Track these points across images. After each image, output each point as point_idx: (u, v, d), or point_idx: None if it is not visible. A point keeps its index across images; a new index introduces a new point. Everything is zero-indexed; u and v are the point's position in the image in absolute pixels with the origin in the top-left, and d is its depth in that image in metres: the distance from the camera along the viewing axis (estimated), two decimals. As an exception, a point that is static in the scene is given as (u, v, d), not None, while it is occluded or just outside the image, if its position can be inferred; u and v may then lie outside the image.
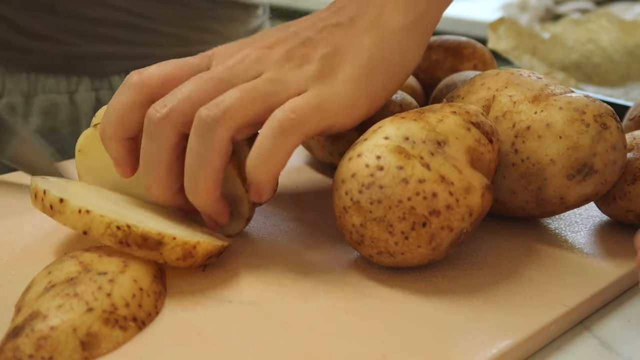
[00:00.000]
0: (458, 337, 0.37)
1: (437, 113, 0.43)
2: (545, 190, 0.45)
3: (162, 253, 0.38)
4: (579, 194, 0.45)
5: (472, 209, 0.41)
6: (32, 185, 0.41)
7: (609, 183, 0.46)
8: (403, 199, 0.39)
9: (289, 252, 0.45)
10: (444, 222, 0.40)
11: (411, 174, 0.39)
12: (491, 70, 0.49)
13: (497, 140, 0.44)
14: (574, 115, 0.44)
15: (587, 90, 0.87)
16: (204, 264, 0.41)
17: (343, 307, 0.39)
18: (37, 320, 0.34)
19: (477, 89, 0.48)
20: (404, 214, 0.39)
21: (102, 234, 0.38)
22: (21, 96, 0.70)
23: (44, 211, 0.39)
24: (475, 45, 0.68)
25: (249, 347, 0.35)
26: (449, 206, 0.40)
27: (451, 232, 0.40)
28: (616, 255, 0.46)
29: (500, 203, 0.48)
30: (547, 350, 0.38)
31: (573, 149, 0.44)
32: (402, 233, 0.40)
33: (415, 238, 0.40)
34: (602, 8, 1.29)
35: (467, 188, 0.40)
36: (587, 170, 0.44)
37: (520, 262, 0.44)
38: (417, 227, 0.40)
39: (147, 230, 0.38)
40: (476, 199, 0.41)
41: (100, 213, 0.38)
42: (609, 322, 0.41)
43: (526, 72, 0.48)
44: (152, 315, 0.37)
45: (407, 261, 0.41)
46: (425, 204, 0.39)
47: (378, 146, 0.40)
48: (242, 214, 0.45)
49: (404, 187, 0.39)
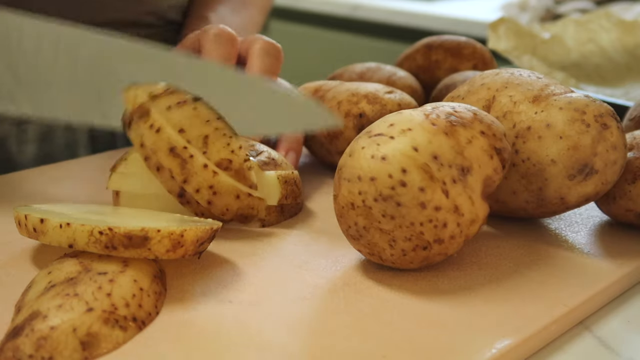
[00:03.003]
0: (458, 337, 0.36)
1: (467, 130, 0.41)
2: (546, 191, 0.45)
3: (150, 248, 0.38)
4: (579, 194, 0.45)
5: (469, 236, 0.42)
6: (15, 214, 0.41)
7: (609, 183, 0.45)
8: (415, 223, 0.39)
9: (289, 252, 0.45)
10: (442, 250, 0.41)
11: (430, 199, 0.39)
12: (491, 70, 0.49)
13: (508, 162, 0.43)
14: (575, 115, 0.44)
15: (587, 90, 0.87)
16: (198, 251, 0.40)
17: (343, 307, 0.39)
18: (37, 320, 0.34)
19: (477, 89, 0.48)
20: (411, 236, 0.40)
21: (86, 243, 0.38)
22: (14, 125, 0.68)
23: (30, 236, 0.40)
24: (475, 45, 0.68)
25: (249, 347, 0.35)
26: (452, 236, 0.40)
27: (443, 257, 0.41)
28: (616, 255, 0.46)
29: (501, 203, 0.48)
30: (547, 350, 0.38)
31: (573, 149, 0.44)
32: (402, 250, 0.40)
33: (412, 257, 0.41)
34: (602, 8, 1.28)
35: (473, 220, 0.41)
36: (588, 171, 0.44)
37: (520, 262, 0.44)
38: (418, 249, 0.40)
39: (129, 229, 0.38)
40: (475, 228, 0.42)
41: (80, 223, 0.38)
42: (609, 322, 0.41)
43: (526, 72, 0.48)
44: (152, 315, 0.37)
45: (393, 266, 0.42)
46: (434, 232, 0.39)
47: (406, 156, 0.39)
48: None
49: (420, 211, 0.39)
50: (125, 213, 0.44)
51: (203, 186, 0.44)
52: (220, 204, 0.44)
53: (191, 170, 0.44)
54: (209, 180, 0.44)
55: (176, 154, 0.43)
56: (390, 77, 0.63)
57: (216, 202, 0.44)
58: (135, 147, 0.45)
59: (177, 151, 0.43)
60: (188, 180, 0.44)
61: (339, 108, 0.55)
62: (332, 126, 0.52)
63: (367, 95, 0.55)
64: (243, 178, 0.45)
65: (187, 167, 0.43)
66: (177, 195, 0.44)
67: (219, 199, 0.44)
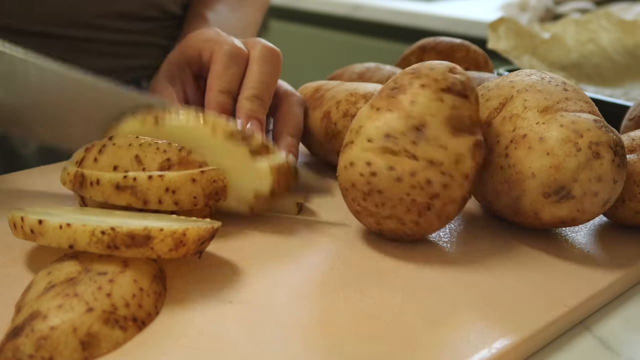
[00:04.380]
0: (458, 337, 0.37)
1: (407, 92, 0.43)
2: (522, 202, 0.45)
3: (152, 248, 0.38)
4: (552, 214, 0.44)
5: (467, 172, 0.43)
6: (9, 217, 0.41)
7: (588, 213, 0.44)
8: (403, 196, 0.42)
9: (289, 252, 0.45)
10: (446, 199, 0.42)
11: (402, 171, 0.42)
12: (527, 70, 0.49)
13: (472, 90, 0.44)
14: (570, 136, 0.43)
15: (587, 90, 0.87)
16: (199, 250, 0.40)
17: (343, 307, 0.39)
18: (37, 320, 0.34)
19: (504, 85, 0.48)
20: (408, 208, 0.42)
21: (88, 243, 0.38)
22: None
23: (26, 238, 0.39)
24: (469, 48, 0.68)
25: (249, 347, 0.35)
26: (445, 185, 0.42)
27: (455, 202, 0.43)
28: (616, 255, 0.46)
29: (488, 202, 0.48)
30: (547, 350, 0.38)
31: (555, 168, 0.43)
32: (413, 221, 0.43)
33: (425, 221, 0.43)
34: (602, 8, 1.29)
35: (456, 160, 0.42)
36: (564, 194, 0.43)
37: (520, 262, 0.44)
38: (424, 213, 0.43)
39: (132, 228, 0.38)
40: (467, 163, 0.42)
41: (82, 223, 0.38)
42: (609, 322, 0.41)
43: (559, 80, 0.47)
44: (152, 315, 0.37)
45: (424, 236, 0.46)
46: (424, 193, 0.42)
47: (365, 151, 0.43)
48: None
49: (399, 185, 0.42)
50: (118, 214, 0.44)
51: (161, 193, 0.44)
52: (186, 197, 0.44)
53: (142, 189, 0.44)
54: (161, 185, 0.44)
55: (122, 187, 0.44)
56: (389, 77, 0.63)
57: (181, 198, 0.44)
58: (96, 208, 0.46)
59: (121, 184, 0.44)
60: (147, 199, 0.44)
61: (337, 108, 0.55)
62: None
63: (365, 95, 0.55)
64: (186, 163, 0.45)
65: (137, 190, 0.44)
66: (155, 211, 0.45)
67: (181, 193, 0.44)
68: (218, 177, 0.46)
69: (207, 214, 0.47)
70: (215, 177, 0.46)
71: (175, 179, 0.44)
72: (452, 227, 0.49)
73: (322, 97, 0.57)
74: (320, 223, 0.49)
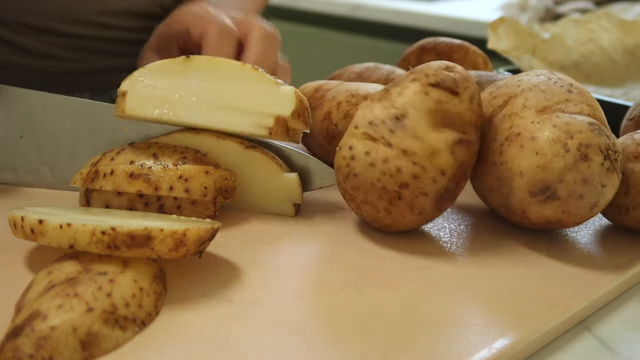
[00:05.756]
0: (458, 337, 0.37)
1: (400, 85, 0.44)
2: (511, 199, 0.45)
3: (153, 248, 0.38)
4: (538, 213, 0.45)
5: (443, 169, 0.43)
6: (10, 216, 0.41)
7: (573, 215, 0.44)
8: (374, 181, 0.43)
9: (289, 252, 0.45)
10: (416, 191, 0.43)
11: (376, 157, 0.43)
12: (539, 70, 0.49)
13: (466, 89, 0.44)
14: (561, 136, 0.43)
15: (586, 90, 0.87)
16: (199, 250, 0.40)
17: (343, 307, 0.39)
18: (37, 320, 0.34)
19: (513, 83, 0.48)
20: (379, 194, 0.43)
21: (88, 243, 0.38)
22: None
23: (26, 237, 0.39)
24: (468, 49, 0.68)
25: (249, 347, 0.35)
26: (415, 176, 0.42)
27: (427, 197, 0.43)
28: (616, 255, 0.46)
29: (484, 198, 0.48)
30: (547, 350, 0.38)
31: (542, 168, 0.43)
32: (385, 209, 0.44)
33: (397, 210, 0.44)
34: (602, 8, 1.29)
35: (431, 153, 0.42)
36: (550, 194, 0.43)
37: (520, 262, 0.44)
38: (394, 201, 0.43)
39: (132, 228, 0.38)
40: (445, 158, 0.43)
41: (82, 223, 0.38)
42: (609, 322, 0.41)
43: (566, 81, 0.47)
44: (152, 315, 0.37)
45: (402, 228, 0.46)
46: (393, 180, 0.43)
47: (350, 136, 0.45)
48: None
49: (372, 170, 0.43)
50: (118, 215, 0.44)
51: (173, 180, 0.46)
52: (197, 185, 0.46)
53: (155, 177, 0.46)
54: (176, 173, 0.46)
55: (136, 175, 0.46)
56: (388, 75, 0.63)
57: (193, 186, 0.46)
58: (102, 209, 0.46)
59: (135, 172, 0.46)
60: (158, 186, 0.45)
61: (338, 108, 0.55)
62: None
63: (366, 96, 0.55)
64: (201, 162, 0.47)
65: (150, 177, 0.46)
66: (158, 210, 0.47)
67: (193, 182, 0.46)
68: (230, 176, 0.48)
69: (210, 215, 0.47)
70: (227, 176, 0.48)
71: (190, 169, 0.46)
72: (452, 227, 0.49)
73: (323, 97, 0.57)
74: (320, 223, 0.49)
